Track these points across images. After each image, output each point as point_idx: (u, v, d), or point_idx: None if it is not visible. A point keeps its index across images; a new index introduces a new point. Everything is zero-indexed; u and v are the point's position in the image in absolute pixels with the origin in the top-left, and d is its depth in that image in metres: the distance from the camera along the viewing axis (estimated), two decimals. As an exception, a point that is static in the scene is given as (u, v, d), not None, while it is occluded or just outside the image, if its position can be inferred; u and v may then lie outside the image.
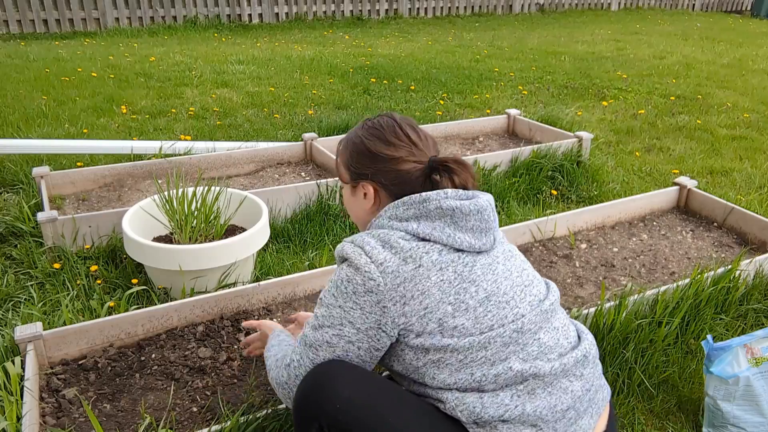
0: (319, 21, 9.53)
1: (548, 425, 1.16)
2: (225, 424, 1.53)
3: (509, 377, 1.16)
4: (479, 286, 1.20)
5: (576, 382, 1.22)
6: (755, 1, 12.57)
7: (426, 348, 1.18)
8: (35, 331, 1.80)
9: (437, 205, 1.24)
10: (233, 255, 2.21)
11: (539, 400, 1.16)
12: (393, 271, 1.18)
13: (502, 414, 1.14)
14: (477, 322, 1.18)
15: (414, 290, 1.17)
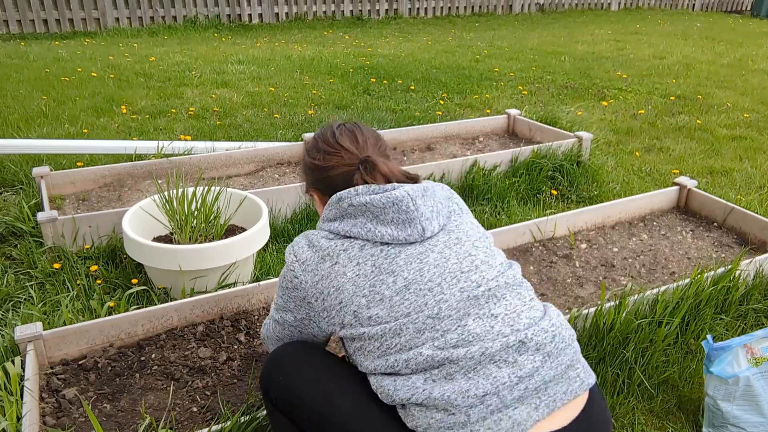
0: (319, 21, 9.53)
1: (460, 410, 1.12)
2: (225, 424, 1.53)
3: (420, 362, 1.16)
4: (398, 276, 1.22)
5: (505, 368, 1.15)
6: (755, 1, 12.57)
7: (350, 337, 1.24)
8: (35, 331, 1.80)
9: (349, 202, 1.29)
10: (233, 255, 2.21)
11: (451, 385, 1.14)
12: (312, 269, 1.27)
13: (410, 397, 1.15)
14: (392, 310, 1.20)
15: (330, 287, 1.25)
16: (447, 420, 1.13)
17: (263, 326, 1.52)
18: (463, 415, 1.12)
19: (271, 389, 1.33)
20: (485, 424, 1.11)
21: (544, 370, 1.17)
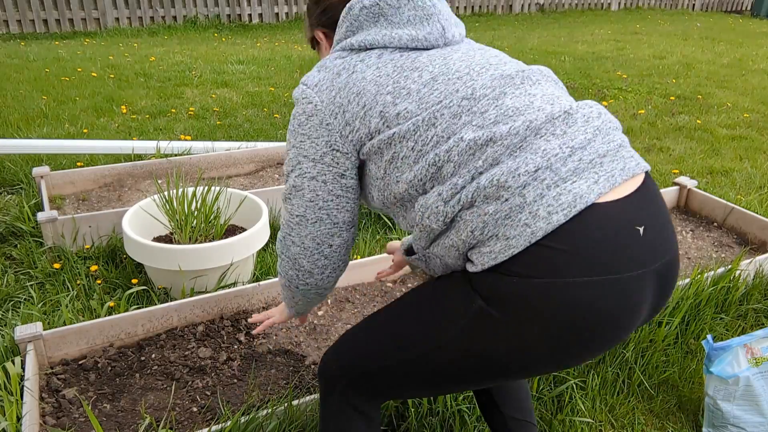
0: (319, 21, 9.53)
1: (513, 192, 0.97)
2: (225, 424, 1.53)
3: (463, 149, 1.01)
4: (423, 71, 1.09)
5: (554, 140, 1.00)
6: (755, 1, 12.57)
7: (379, 149, 1.09)
8: (35, 331, 1.80)
9: (360, 6, 1.16)
10: (233, 255, 2.21)
11: (498, 168, 0.99)
12: (327, 87, 1.13)
13: (460, 198, 1.01)
14: (422, 102, 1.06)
15: (349, 94, 1.10)
16: (502, 208, 0.98)
17: (277, 243, 1.29)
18: (517, 196, 0.97)
19: (342, 377, 1.19)
20: (544, 201, 0.96)
21: (597, 143, 1.02)
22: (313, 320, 2.12)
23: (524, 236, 0.96)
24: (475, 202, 1.00)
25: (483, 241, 1.00)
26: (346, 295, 2.27)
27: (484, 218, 0.99)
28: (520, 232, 0.96)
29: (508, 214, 0.97)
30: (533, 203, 0.96)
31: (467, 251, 1.03)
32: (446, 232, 1.05)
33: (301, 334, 2.05)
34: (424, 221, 1.05)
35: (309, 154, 1.15)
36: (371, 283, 2.36)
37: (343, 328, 2.10)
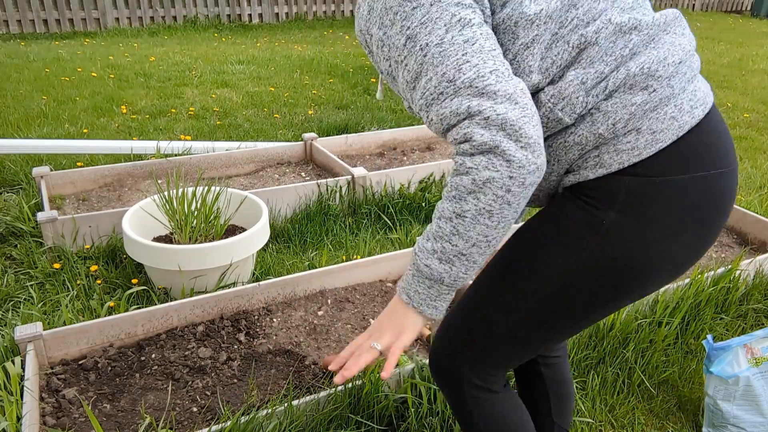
0: (319, 21, 9.53)
1: (661, 83, 0.92)
2: (225, 424, 1.53)
3: (609, 33, 0.93)
4: None
5: (682, 39, 0.97)
6: (755, 1, 12.57)
7: (514, 28, 0.92)
8: (35, 331, 1.80)
9: None
10: (233, 255, 2.21)
11: (644, 57, 0.93)
12: None
13: (606, 85, 0.92)
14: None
15: None
16: (651, 99, 0.92)
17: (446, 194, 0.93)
18: (666, 87, 0.93)
19: (463, 367, 1.08)
20: (686, 95, 0.94)
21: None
22: (313, 320, 2.12)
23: (672, 130, 0.92)
24: (617, 91, 0.92)
25: (618, 136, 0.93)
26: (346, 295, 2.27)
27: (630, 109, 0.91)
28: (667, 125, 0.92)
29: (656, 105, 0.92)
30: (679, 95, 0.93)
31: (586, 153, 0.95)
32: (572, 127, 0.95)
33: (301, 334, 2.06)
34: (555, 113, 0.94)
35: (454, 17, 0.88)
36: (371, 283, 2.36)
37: (343, 328, 2.10)
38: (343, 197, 2.99)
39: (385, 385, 1.70)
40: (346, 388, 1.67)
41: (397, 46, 0.92)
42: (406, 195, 3.04)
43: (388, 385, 1.71)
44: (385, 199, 3.02)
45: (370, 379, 1.66)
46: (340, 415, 1.65)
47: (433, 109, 0.91)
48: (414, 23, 0.89)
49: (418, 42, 0.89)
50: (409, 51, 0.90)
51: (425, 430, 1.67)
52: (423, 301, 0.98)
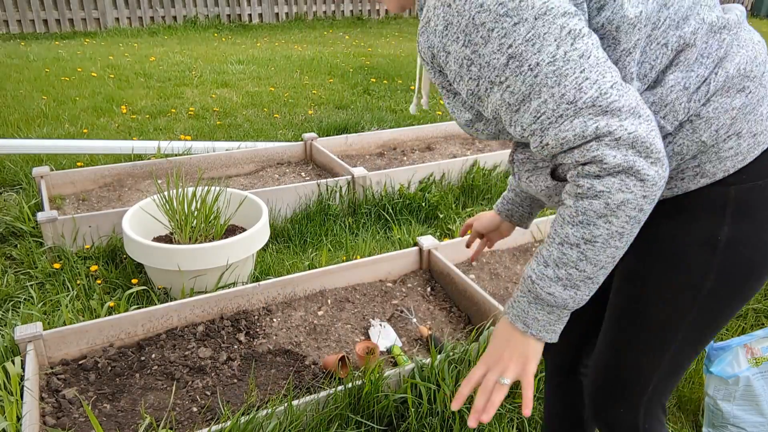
0: (319, 21, 9.53)
1: (755, 83, 0.89)
2: (225, 424, 1.53)
3: (704, 33, 0.88)
4: None
5: (755, 34, 0.95)
6: (755, 1, 12.58)
7: (615, 32, 0.86)
8: (35, 331, 1.80)
9: None
10: (233, 255, 2.21)
11: (737, 56, 0.89)
12: None
13: (707, 89, 0.88)
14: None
15: None
16: (749, 101, 0.89)
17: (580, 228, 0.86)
18: (760, 87, 0.90)
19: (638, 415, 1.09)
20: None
21: None
22: (313, 320, 2.12)
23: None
24: (716, 95, 0.88)
25: (720, 142, 0.89)
26: (346, 295, 2.27)
27: (732, 113, 0.88)
28: (765, 126, 0.90)
29: (753, 107, 0.89)
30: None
31: (684, 162, 0.91)
32: (670, 136, 0.91)
33: (301, 334, 2.06)
34: (657, 120, 0.88)
35: (563, 6, 0.81)
36: (371, 283, 2.36)
37: (343, 328, 2.10)
38: (343, 197, 2.99)
39: (385, 385, 1.70)
40: (346, 388, 1.67)
41: (494, 66, 0.83)
42: (406, 195, 3.04)
43: (388, 385, 1.71)
44: (385, 199, 3.02)
45: (370, 379, 1.66)
46: (340, 415, 1.65)
47: (550, 132, 0.84)
48: (518, 40, 0.80)
49: (526, 61, 0.81)
50: (513, 71, 0.82)
51: (425, 430, 1.67)
52: (542, 328, 0.94)
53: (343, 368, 1.83)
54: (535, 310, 0.93)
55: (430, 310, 2.23)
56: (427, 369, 1.73)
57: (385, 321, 2.14)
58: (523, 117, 0.85)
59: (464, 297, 2.21)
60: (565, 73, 0.80)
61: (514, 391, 1.78)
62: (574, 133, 0.82)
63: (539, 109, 0.83)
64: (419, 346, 2.04)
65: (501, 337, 0.97)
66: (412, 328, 2.12)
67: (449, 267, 2.30)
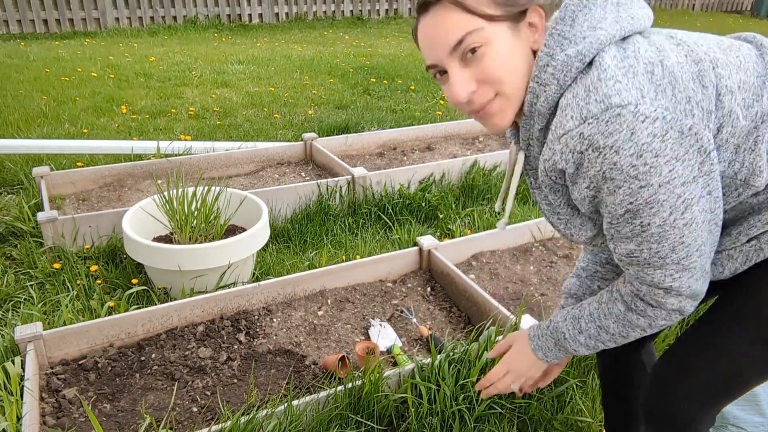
0: (319, 21, 9.53)
1: None
2: (225, 424, 1.53)
3: None
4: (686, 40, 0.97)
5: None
6: (755, 1, 12.57)
7: (735, 136, 0.94)
8: (35, 331, 1.80)
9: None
10: (233, 255, 2.21)
11: None
12: (654, 90, 0.87)
13: None
14: (741, 68, 0.95)
15: (684, 82, 0.89)
16: None
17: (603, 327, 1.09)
18: None
19: (698, 417, 1.13)
20: None
21: None
22: (313, 320, 2.12)
23: None
24: None
25: None
26: (346, 295, 2.27)
27: None
28: None
29: None
30: None
31: None
32: None
33: (301, 334, 2.06)
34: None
35: (685, 175, 0.88)
36: (371, 283, 2.36)
37: (343, 328, 2.10)
38: (343, 197, 2.99)
39: (385, 385, 1.70)
40: (346, 388, 1.67)
41: (613, 214, 0.94)
42: (406, 195, 3.04)
43: (388, 385, 1.71)
44: (385, 199, 3.02)
45: (370, 379, 1.66)
46: (340, 415, 1.65)
47: (632, 267, 0.99)
48: (639, 201, 0.89)
49: (640, 218, 0.91)
50: (627, 220, 0.93)
51: (425, 430, 1.67)
52: (554, 358, 1.21)
53: (343, 368, 1.83)
54: (556, 350, 1.19)
55: (430, 310, 2.23)
56: (427, 369, 1.73)
57: (385, 321, 2.14)
58: (617, 246, 0.99)
59: (464, 297, 2.21)
60: (667, 236, 0.92)
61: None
62: (652, 280, 0.98)
63: (634, 252, 0.97)
64: (419, 346, 2.04)
65: (527, 358, 1.23)
66: (412, 328, 2.12)
67: (449, 267, 2.30)
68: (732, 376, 1.09)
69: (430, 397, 1.70)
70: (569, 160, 0.91)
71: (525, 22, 0.96)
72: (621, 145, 0.85)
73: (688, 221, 0.91)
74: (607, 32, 0.91)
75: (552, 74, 0.92)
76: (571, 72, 0.91)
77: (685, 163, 0.87)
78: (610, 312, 1.07)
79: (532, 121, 0.99)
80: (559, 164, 0.93)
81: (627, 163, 0.86)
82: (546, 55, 0.93)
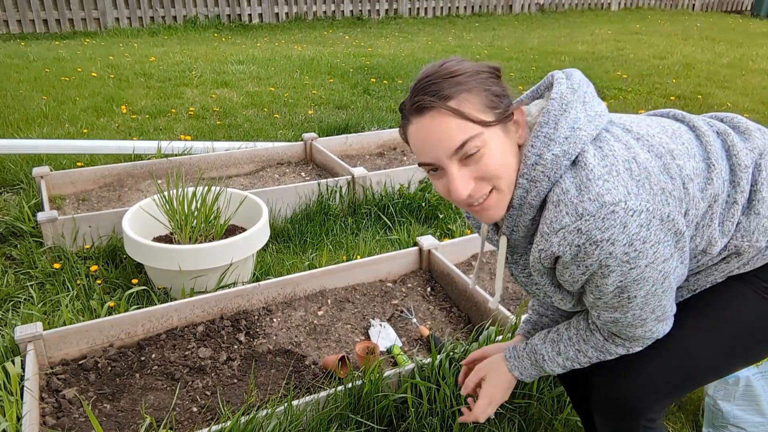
0: (319, 21, 9.53)
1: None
2: (225, 424, 1.53)
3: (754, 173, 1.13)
4: (651, 126, 1.13)
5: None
6: (755, 1, 12.57)
7: (697, 217, 1.09)
8: (35, 331, 1.80)
9: (579, 80, 1.11)
10: (233, 255, 2.21)
11: (764, 172, 1.13)
12: (635, 186, 0.99)
13: None
14: (688, 152, 1.09)
15: (657, 176, 1.02)
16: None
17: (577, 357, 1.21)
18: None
19: (648, 406, 1.20)
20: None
21: None
22: (313, 320, 2.12)
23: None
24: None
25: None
26: (346, 295, 2.27)
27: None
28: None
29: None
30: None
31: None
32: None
33: (301, 334, 2.05)
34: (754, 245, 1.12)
35: (665, 254, 1.02)
36: (371, 283, 2.36)
37: (343, 329, 2.10)
38: (343, 197, 2.99)
39: (385, 385, 1.70)
40: (346, 388, 1.67)
41: (603, 292, 1.06)
42: (406, 195, 3.04)
43: (388, 385, 1.71)
44: (385, 199, 3.02)
45: (370, 379, 1.66)
46: (340, 415, 1.65)
47: (614, 328, 1.13)
48: (628, 279, 1.02)
49: (628, 293, 1.05)
50: (615, 296, 1.06)
51: (425, 430, 1.67)
52: (529, 377, 1.29)
53: (343, 368, 1.83)
54: (532, 369, 1.27)
55: (430, 310, 2.23)
56: (427, 369, 1.73)
57: (385, 321, 2.14)
58: (602, 314, 1.12)
59: (464, 297, 2.21)
60: (649, 303, 1.07)
61: (515, 392, 1.78)
62: (633, 335, 1.13)
63: (618, 319, 1.11)
64: (419, 346, 2.04)
65: (504, 382, 1.31)
66: (412, 328, 2.12)
67: (449, 267, 2.30)
68: (685, 369, 1.18)
69: (430, 397, 1.70)
70: (566, 251, 1.02)
71: (512, 122, 1.07)
72: (616, 238, 0.97)
73: (665, 288, 1.06)
74: (585, 132, 1.03)
75: (542, 172, 1.03)
76: (560, 170, 1.02)
77: (665, 245, 1.01)
78: (588, 339, 1.19)
79: (521, 212, 1.09)
80: (556, 254, 1.04)
81: (621, 252, 0.99)
82: (534, 155, 1.04)
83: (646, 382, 1.18)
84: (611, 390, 1.22)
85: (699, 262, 1.15)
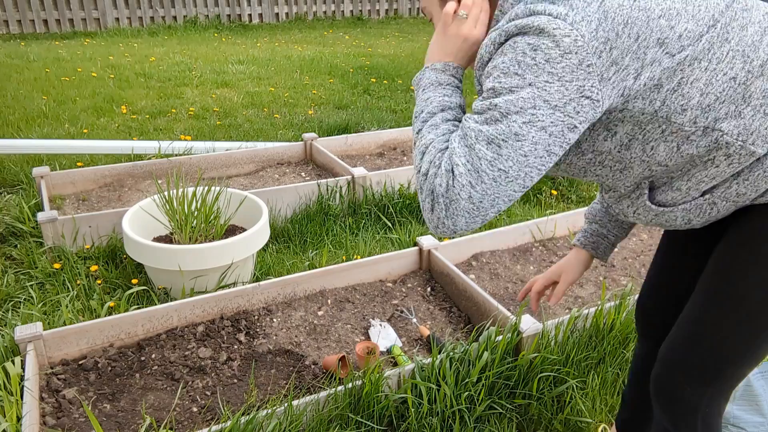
0: (319, 21, 9.53)
1: None
2: (225, 424, 1.53)
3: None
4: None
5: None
6: (755, 1, 12.57)
7: (657, 80, 0.95)
8: (35, 331, 1.80)
9: None
10: (233, 255, 2.21)
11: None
12: (582, 18, 0.91)
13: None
14: (697, 19, 0.95)
15: (614, 26, 0.92)
16: None
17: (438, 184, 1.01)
18: None
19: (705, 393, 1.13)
20: None
21: None
22: (313, 320, 2.12)
23: None
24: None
25: None
26: (346, 295, 2.27)
27: None
28: None
29: None
30: None
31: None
32: (764, 157, 1.01)
33: (301, 334, 2.06)
34: (747, 147, 0.98)
35: (552, 99, 0.92)
36: (371, 283, 2.36)
37: (343, 328, 2.10)
38: (343, 197, 2.99)
39: (385, 385, 1.70)
40: (346, 388, 1.67)
41: (484, 85, 0.98)
42: (406, 195, 3.04)
43: (388, 385, 1.71)
44: (385, 199, 3.02)
45: (370, 379, 1.66)
46: (340, 416, 1.65)
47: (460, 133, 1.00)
48: (505, 85, 0.94)
49: (496, 99, 0.95)
50: (486, 97, 0.97)
51: (425, 430, 1.67)
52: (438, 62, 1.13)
53: (343, 368, 1.83)
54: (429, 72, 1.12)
55: (430, 310, 2.23)
56: (428, 369, 1.73)
57: (385, 321, 2.14)
58: (473, 109, 1.01)
59: (464, 297, 2.21)
60: (501, 129, 0.95)
61: (514, 392, 1.78)
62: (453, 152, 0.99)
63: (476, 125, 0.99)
64: (419, 346, 2.04)
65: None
66: (412, 328, 2.12)
67: (449, 267, 2.30)
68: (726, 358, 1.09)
69: (430, 397, 1.70)
70: (490, 51, 0.98)
71: None
72: (528, 32, 0.92)
73: (528, 120, 0.93)
74: None
75: (511, 3, 1.01)
76: None
77: (560, 88, 0.91)
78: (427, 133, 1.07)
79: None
80: (484, 56, 0.99)
81: (521, 48, 0.92)
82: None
83: (694, 376, 1.12)
84: (665, 386, 1.17)
85: (667, 136, 1.00)
